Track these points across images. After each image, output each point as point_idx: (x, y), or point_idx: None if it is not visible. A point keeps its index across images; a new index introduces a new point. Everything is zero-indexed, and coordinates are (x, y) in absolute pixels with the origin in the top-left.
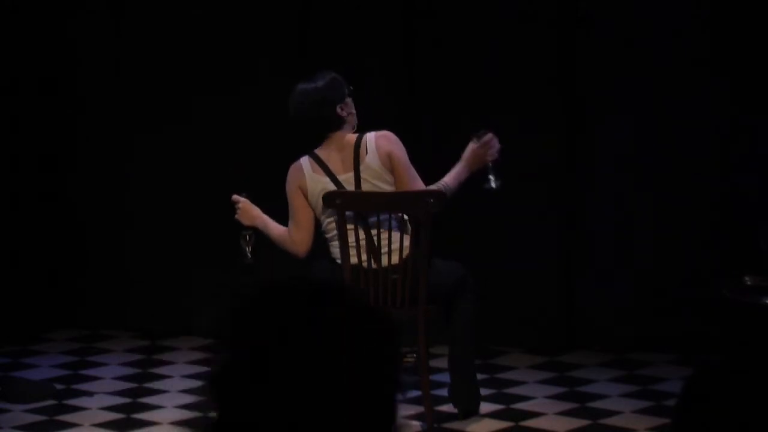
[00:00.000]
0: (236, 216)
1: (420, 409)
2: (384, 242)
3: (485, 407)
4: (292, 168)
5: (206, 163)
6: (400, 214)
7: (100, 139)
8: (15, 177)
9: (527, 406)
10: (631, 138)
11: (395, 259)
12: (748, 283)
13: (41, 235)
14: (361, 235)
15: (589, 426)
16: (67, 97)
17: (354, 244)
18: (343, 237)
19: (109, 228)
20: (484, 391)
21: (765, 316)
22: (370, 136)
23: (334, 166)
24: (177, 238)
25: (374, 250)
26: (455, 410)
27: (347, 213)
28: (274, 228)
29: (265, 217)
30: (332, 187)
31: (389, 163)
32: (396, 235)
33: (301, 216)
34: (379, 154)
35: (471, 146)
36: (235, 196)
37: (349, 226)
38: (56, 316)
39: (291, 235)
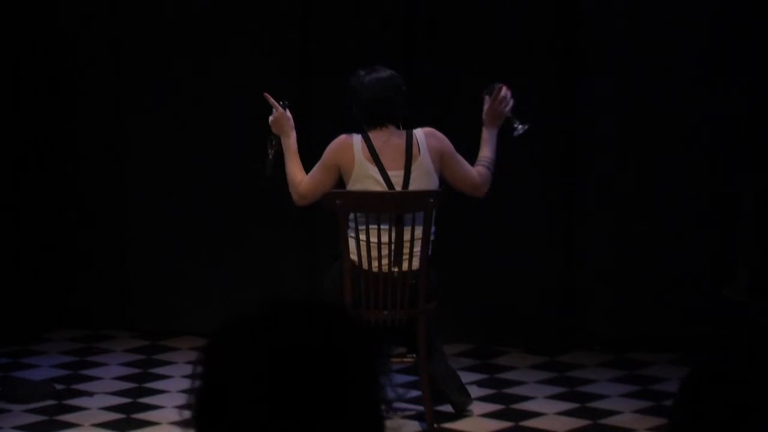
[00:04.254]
0: (269, 120)
1: (420, 409)
2: (408, 245)
3: (485, 407)
4: (342, 142)
5: (207, 163)
6: (429, 217)
7: (101, 140)
8: (15, 177)
9: (527, 406)
10: (631, 139)
11: (416, 263)
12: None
13: (41, 234)
14: (384, 237)
15: (589, 426)
16: (67, 98)
17: (378, 244)
18: (343, 236)
19: (109, 228)
20: (483, 391)
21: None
22: (420, 135)
23: (385, 160)
24: (177, 238)
25: (398, 254)
26: (451, 409)
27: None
28: (293, 161)
29: (293, 143)
30: (380, 179)
31: (439, 162)
32: (419, 241)
33: (320, 183)
34: (430, 153)
35: (486, 106)
36: (272, 101)
37: (373, 226)
38: (56, 316)
39: (300, 184)
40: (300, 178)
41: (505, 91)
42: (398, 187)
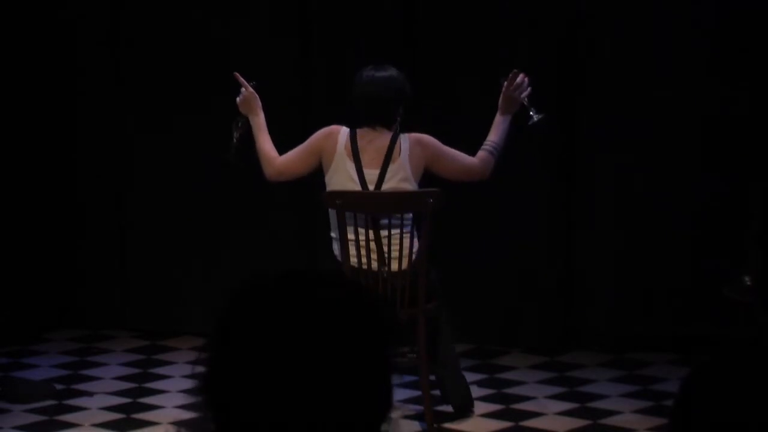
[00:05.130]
0: (237, 100)
1: (420, 409)
2: (395, 246)
3: (485, 407)
4: (330, 131)
5: (206, 164)
6: (411, 217)
7: (101, 140)
8: (15, 177)
9: (527, 406)
10: (631, 139)
11: (405, 264)
12: (748, 283)
13: (41, 235)
14: (371, 235)
15: (589, 426)
16: (68, 99)
17: (362, 244)
18: (343, 237)
19: (109, 228)
20: (483, 391)
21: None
22: (405, 142)
23: (364, 159)
24: (177, 238)
25: (382, 254)
26: (451, 410)
27: (348, 213)
28: (264, 138)
29: (262, 121)
30: (355, 176)
31: (424, 168)
32: (407, 240)
33: (299, 163)
34: (411, 161)
35: (503, 92)
36: (242, 80)
37: (355, 228)
38: (56, 316)
39: (277, 159)
40: (274, 154)
41: (521, 77)
42: (371, 186)
